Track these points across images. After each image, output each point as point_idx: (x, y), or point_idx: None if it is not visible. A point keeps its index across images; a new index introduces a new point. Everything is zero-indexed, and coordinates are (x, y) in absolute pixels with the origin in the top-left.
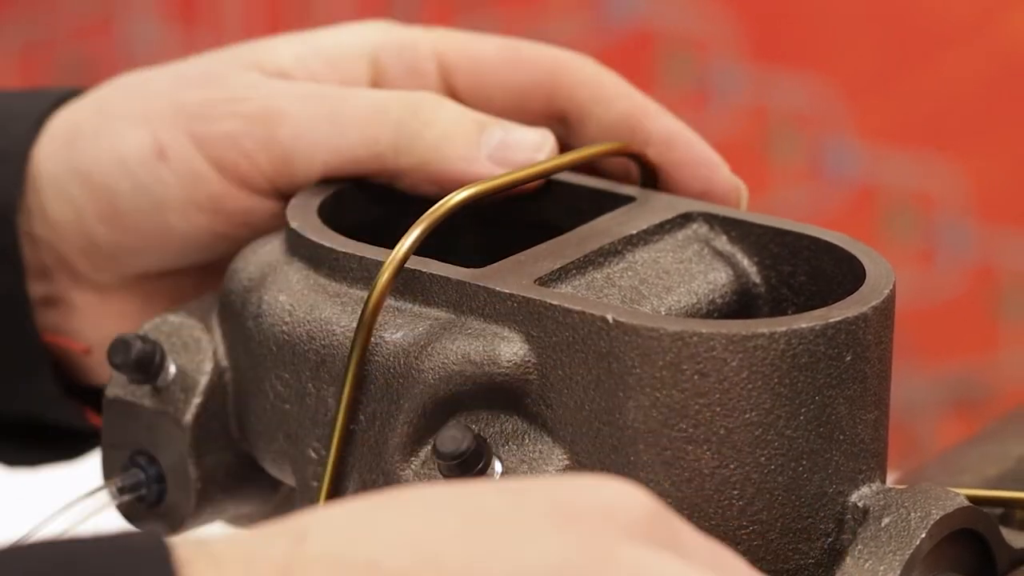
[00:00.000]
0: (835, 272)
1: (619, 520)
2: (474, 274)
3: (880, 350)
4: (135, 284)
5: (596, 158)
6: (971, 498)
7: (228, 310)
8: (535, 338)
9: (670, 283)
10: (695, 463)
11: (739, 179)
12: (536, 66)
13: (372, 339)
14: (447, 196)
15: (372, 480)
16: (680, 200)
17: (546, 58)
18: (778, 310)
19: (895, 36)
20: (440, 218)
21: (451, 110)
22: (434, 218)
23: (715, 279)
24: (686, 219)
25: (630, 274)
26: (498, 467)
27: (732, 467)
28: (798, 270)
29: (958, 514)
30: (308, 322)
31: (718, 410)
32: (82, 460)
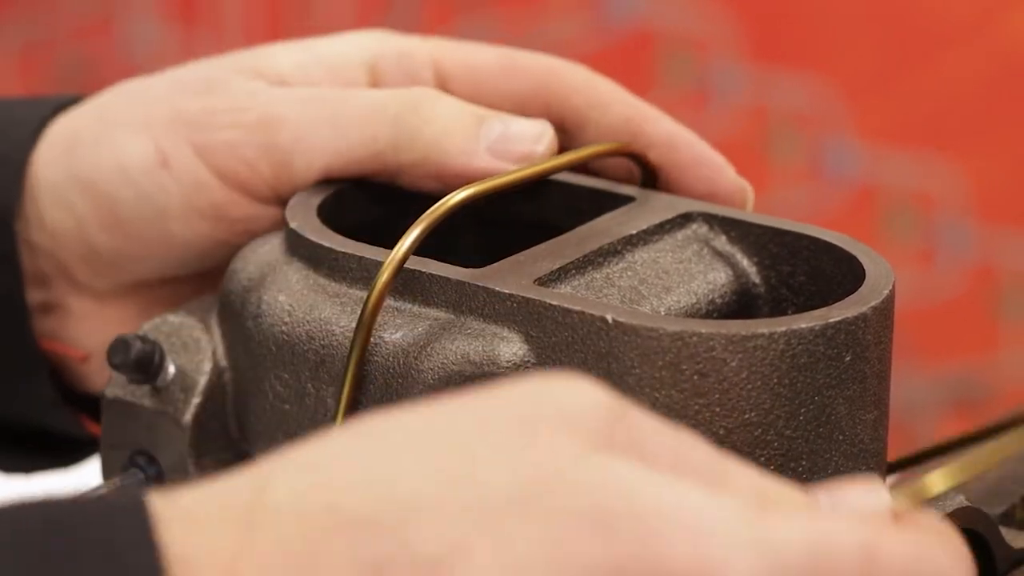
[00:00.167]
0: (835, 272)
1: (578, 428)
2: (474, 274)
3: (880, 350)
4: (133, 291)
5: (596, 158)
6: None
7: (227, 310)
8: (535, 338)
9: (669, 283)
10: None
11: (744, 180)
12: (531, 74)
13: (371, 339)
14: (446, 196)
15: None
16: (680, 200)
17: (541, 66)
18: (778, 310)
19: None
20: (439, 218)
21: (449, 105)
22: (433, 218)
23: (715, 279)
24: (686, 219)
25: (629, 274)
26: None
27: None
28: (798, 270)
29: (958, 514)
30: (307, 322)
31: (717, 410)
32: (78, 467)
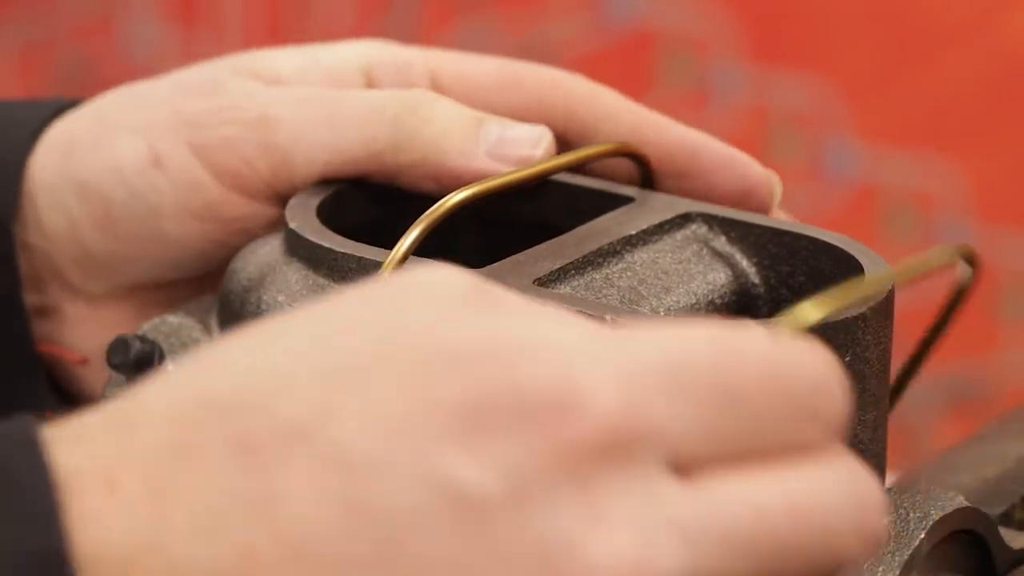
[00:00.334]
0: (834, 272)
1: (435, 295)
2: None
3: (879, 350)
4: (128, 295)
5: (596, 158)
6: None
7: (227, 310)
8: None
9: (669, 283)
10: None
11: (770, 170)
12: (530, 87)
13: None
14: (446, 196)
15: None
16: (679, 200)
17: (541, 79)
18: (777, 310)
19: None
20: (439, 218)
21: (448, 107)
22: (433, 218)
23: (714, 279)
24: (685, 219)
25: (629, 274)
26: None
27: None
28: (797, 270)
29: (957, 515)
30: None
31: None
32: None
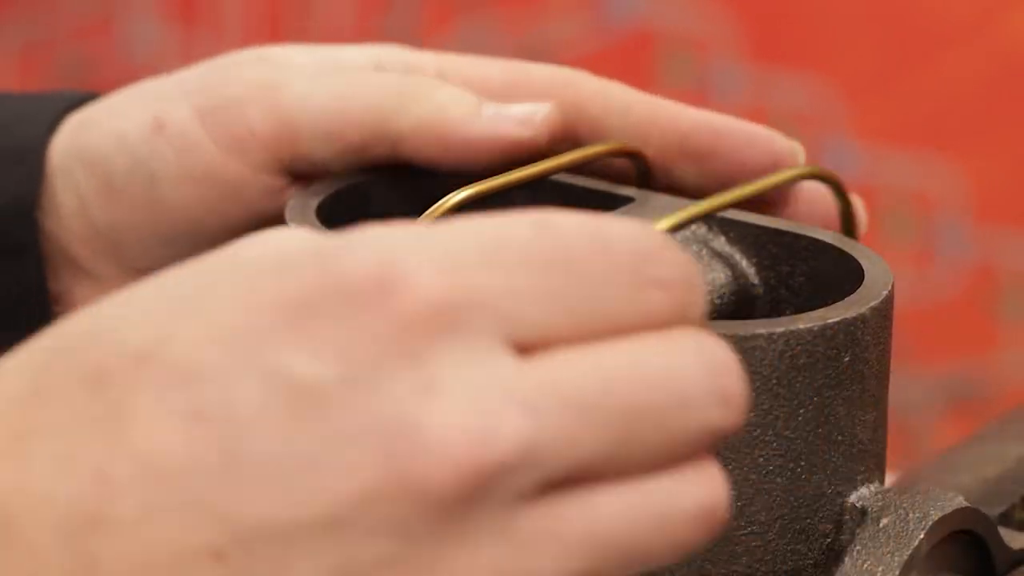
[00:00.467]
0: (833, 273)
1: (267, 245)
2: None
3: (879, 351)
4: (138, 278)
5: (596, 158)
6: None
7: None
8: None
9: None
10: None
11: (794, 141)
12: (539, 88)
13: None
14: (445, 197)
15: None
16: (678, 201)
17: (549, 79)
18: (776, 311)
19: (895, 36)
20: (439, 218)
21: (452, 87)
22: (432, 218)
23: (713, 280)
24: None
25: None
26: None
27: (730, 468)
28: (796, 271)
29: (956, 515)
30: None
31: None
32: None
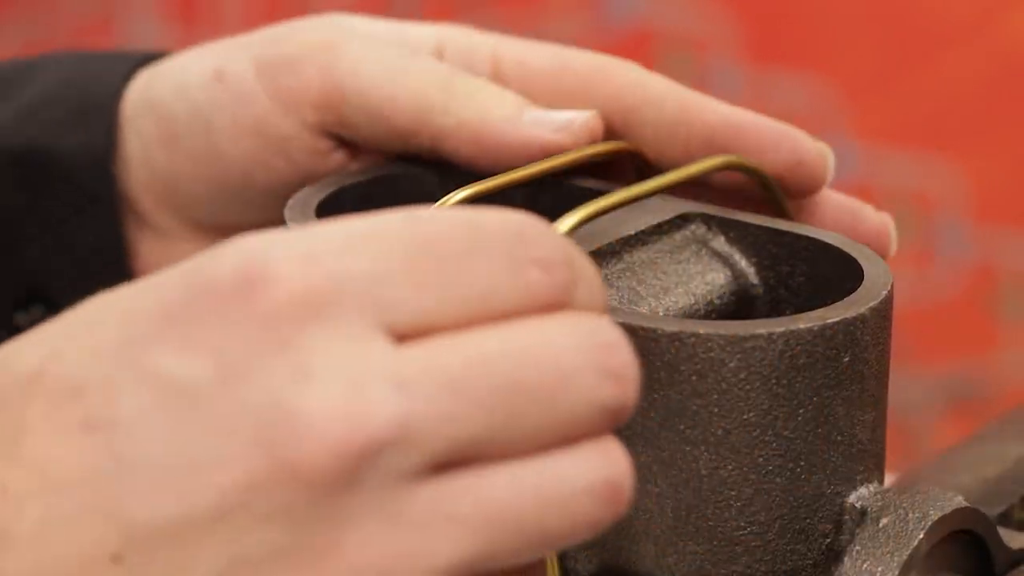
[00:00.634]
0: (833, 273)
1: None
2: None
3: (878, 351)
4: (195, 233)
5: (596, 158)
6: None
7: None
8: None
9: (668, 284)
10: (693, 464)
11: (821, 142)
12: (581, 75)
13: None
14: (445, 196)
15: None
16: (678, 201)
17: (591, 66)
18: (776, 311)
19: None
20: None
21: (496, 89)
22: None
23: (713, 280)
24: (684, 220)
25: (628, 275)
26: None
27: (730, 468)
28: (796, 271)
29: (956, 515)
30: None
31: (716, 411)
32: None
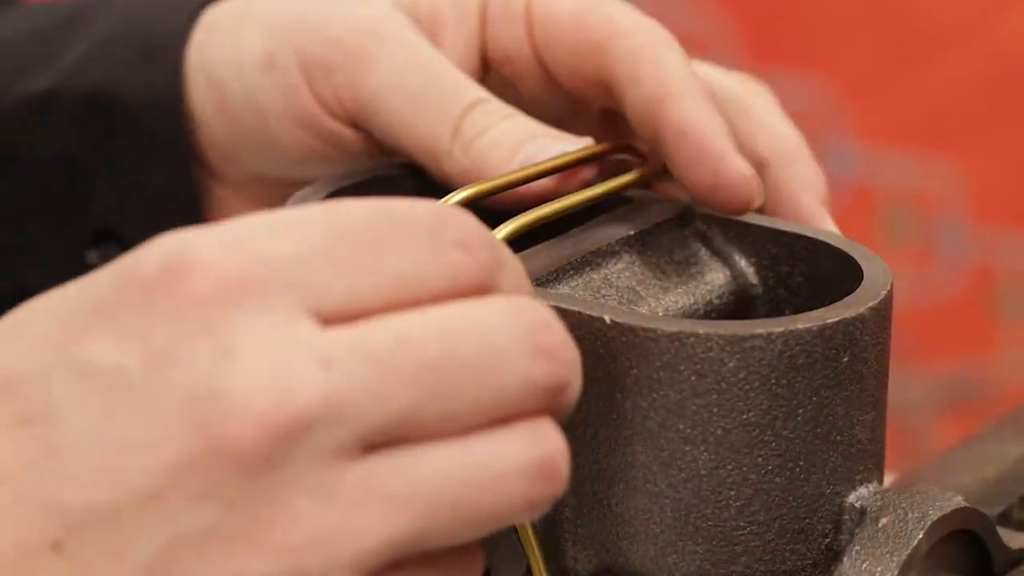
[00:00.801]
0: (832, 273)
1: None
2: None
3: (877, 351)
4: (261, 185)
5: (594, 158)
6: None
7: None
8: None
9: (667, 284)
10: (692, 463)
11: (750, 170)
12: (594, 34)
13: None
14: (446, 196)
15: None
16: (678, 200)
17: (605, 27)
18: (775, 311)
19: (895, 36)
20: None
21: (506, 126)
22: None
23: (713, 280)
24: (684, 219)
25: (628, 275)
26: None
27: (729, 468)
28: (795, 271)
29: (955, 515)
30: None
31: (715, 410)
32: None
